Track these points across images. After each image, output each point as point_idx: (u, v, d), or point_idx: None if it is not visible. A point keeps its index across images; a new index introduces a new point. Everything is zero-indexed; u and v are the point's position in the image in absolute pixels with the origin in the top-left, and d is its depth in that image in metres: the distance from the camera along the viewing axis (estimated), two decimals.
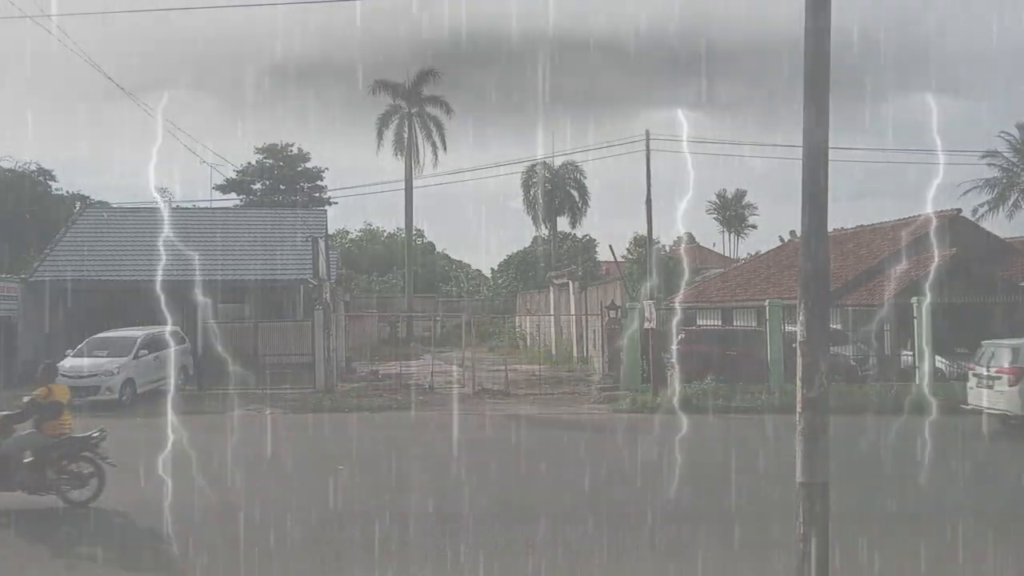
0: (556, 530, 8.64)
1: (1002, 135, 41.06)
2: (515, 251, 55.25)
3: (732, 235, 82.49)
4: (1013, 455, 13.64)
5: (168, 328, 21.88)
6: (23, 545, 8.56)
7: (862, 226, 30.58)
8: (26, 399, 9.80)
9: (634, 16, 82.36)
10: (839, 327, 21.59)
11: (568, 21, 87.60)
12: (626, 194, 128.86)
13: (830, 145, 5.60)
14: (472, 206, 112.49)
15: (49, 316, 25.03)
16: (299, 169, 49.20)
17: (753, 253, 53.79)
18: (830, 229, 5.83)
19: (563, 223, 53.78)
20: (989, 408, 14.93)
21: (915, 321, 19.78)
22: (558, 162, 51.43)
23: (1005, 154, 40.42)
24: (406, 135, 43.26)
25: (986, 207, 40.56)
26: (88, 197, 39.85)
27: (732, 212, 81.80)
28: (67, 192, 41.37)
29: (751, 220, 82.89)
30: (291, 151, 49.39)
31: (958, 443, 13.91)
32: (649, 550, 8.03)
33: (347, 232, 60.63)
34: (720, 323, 28.34)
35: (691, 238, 77.31)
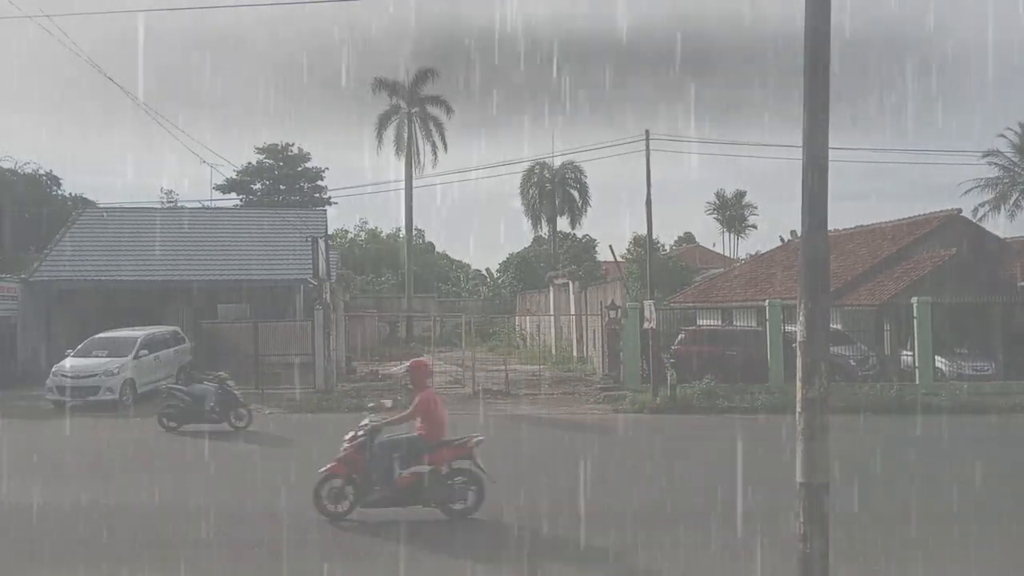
0: (560, 531, 8.64)
1: (1003, 134, 41.10)
2: (515, 251, 55.34)
3: (732, 235, 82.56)
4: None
5: (168, 328, 21.96)
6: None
7: (862, 226, 30.59)
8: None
9: (634, 16, 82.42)
10: (839, 327, 21.59)
11: (569, 21, 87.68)
12: (626, 194, 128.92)
13: (830, 146, 5.61)
14: (472, 206, 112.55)
15: (49, 316, 25.08)
16: (299, 169, 49.22)
17: (753, 253, 53.78)
18: (830, 229, 5.82)
19: (563, 223, 53.84)
20: None
21: (915, 321, 19.78)
22: (558, 162, 51.49)
23: (1006, 153, 40.42)
24: (406, 135, 43.20)
25: (987, 207, 40.56)
26: (89, 199, 39.85)
27: (732, 212, 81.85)
28: (68, 194, 41.37)
29: (751, 220, 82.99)
30: (291, 151, 49.42)
31: (957, 443, 13.88)
32: (657, 550, 8.01)
33: (347, 232, 60.67)
34: (720, 323, 28.34)
35: (691, 238, 77.54)
